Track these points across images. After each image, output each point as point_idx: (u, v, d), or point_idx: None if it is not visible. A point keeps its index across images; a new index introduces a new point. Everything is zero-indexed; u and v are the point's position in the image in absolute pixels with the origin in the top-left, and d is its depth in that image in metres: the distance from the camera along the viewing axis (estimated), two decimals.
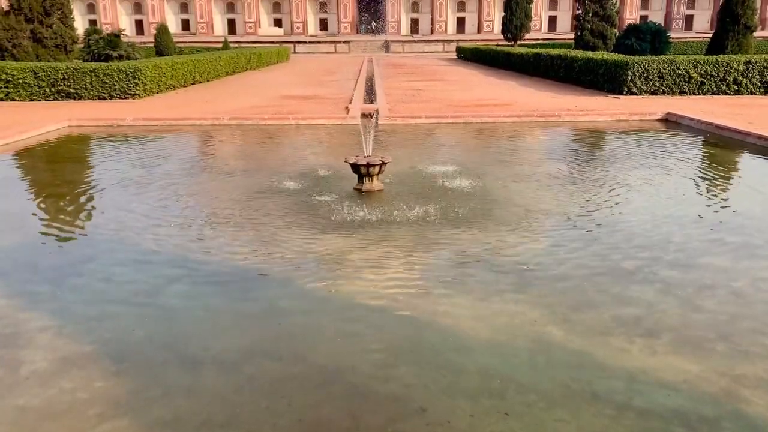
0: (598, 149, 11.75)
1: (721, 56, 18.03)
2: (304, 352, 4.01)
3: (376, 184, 7.76)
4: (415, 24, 74.87)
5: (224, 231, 6.47)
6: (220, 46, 41.69)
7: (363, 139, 8.53)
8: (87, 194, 8.26)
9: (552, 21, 74.40)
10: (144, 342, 4.16)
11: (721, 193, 8.30)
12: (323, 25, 75.34)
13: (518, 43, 41.99)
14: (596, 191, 8.06)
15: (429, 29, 73.67)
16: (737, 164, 10.49)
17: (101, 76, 17.50)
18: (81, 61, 20.85)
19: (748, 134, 11.34)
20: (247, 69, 31.15)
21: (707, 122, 12.73)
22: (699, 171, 9.43)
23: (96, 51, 22.27)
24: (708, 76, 17.34)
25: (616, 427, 3.22)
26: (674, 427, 3.22)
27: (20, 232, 6.66)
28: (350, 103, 17.05)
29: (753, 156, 10.49)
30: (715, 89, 17.44)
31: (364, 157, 7.93)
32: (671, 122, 13.86)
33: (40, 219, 7.19)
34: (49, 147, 11.68)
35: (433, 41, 63.31)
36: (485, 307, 4.62)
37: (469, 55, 40.99)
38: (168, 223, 6.69)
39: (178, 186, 8.37)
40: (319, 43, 62.23)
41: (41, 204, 7.88)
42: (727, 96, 17.28)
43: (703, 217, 6.99)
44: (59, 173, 9.84)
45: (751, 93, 17.46)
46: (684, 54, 27.35)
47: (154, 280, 5.24)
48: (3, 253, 5.96)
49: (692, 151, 11.20)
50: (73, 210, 7.57)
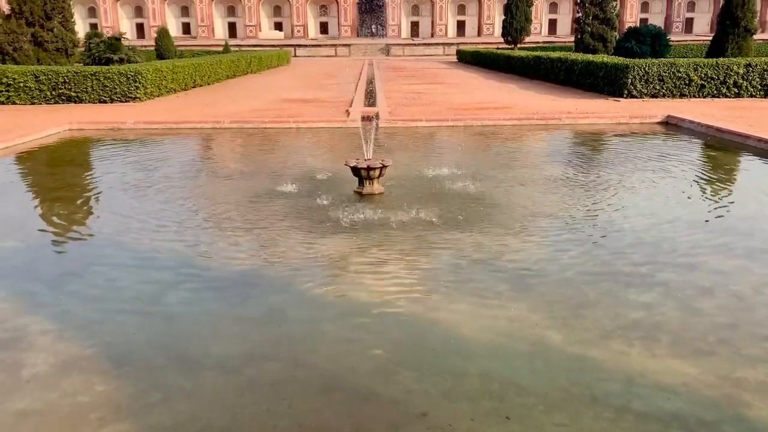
0: (599, 152, 11.76)
1: (722, 59, 18.04)
2: (305, 356, 4.02)
3: (376, 187, 7.77)
4: (415, 27, 75.04)
5: (225, 234, 6.47)
6: (221, 49, 41.76)
7: (363, 143, 8.54)
8: (88, 198, 8.27)
9: (552, 24, 74.58)
10: (144, 346, 4.17)
11: (721, 195, 8.30)
12: (324, 28, 75.52)
13: (518, 46, 42.05)
14: (596, 194, 8.07)
15: (429, 32, 73.83)
16: (738, 167, 10.50)
17: (102, 79, 17.55)
18: (82, 65, 20.87)
19: (748, 137, 11.35)
20: (247, 72, 31.21)
21: (707, 125, 12.74)
22: (699, 174, 9.43)
23: (97, 54, 22.31)
24: (708, 79, 17.36)
25: (615, 431, 3.23)
26: (674, 431, 3.22)
27: (21, 235, 6.66)
28: (351, 106, 17.07)
29: (753, 158, 10.50)
30: (715, 92, 17.46)
31: (365, 160, 7.94)
32: (671, 125, 13.87)
33: (41, 222, 7.20)
34: (49, 150, 11.70)
35: (433, 44, 63.44)
36: (485, 311, 4.62)
37: (470, 58, 41.07)
38: (169, 227, 6.70)
39: (179, 189, 8.39)
40: (319, 46, 62.35)
41: (42, 207, 7.90)
42: (728, 99, 17.30)
43: (704, 220, 7.00)
44: (60, 177, 9.85)
45: (752, 96, 17.48)
46: (684, 57, 27.41)
47: (154, 283, 5.25)
48: (4, 256, 5.97)
49: (692, 154, 11.20)
50: (73, 213, 7.58)
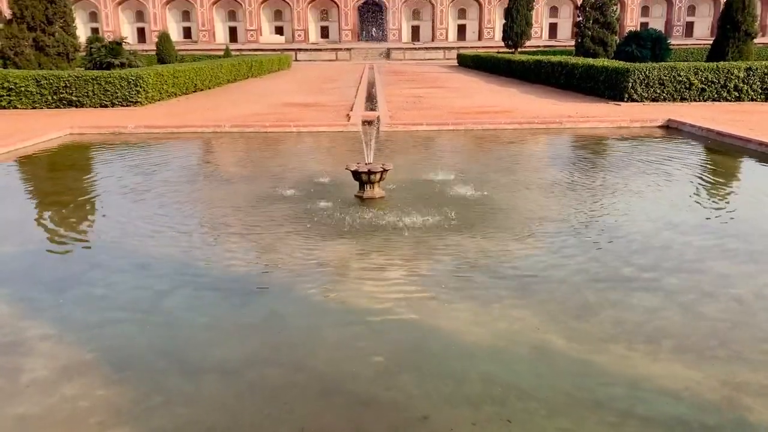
0: (600, 156, 11.76)
1: (722, 63, 18.05)
2: (306, 360, 4.01)
3: (377, 191, 7.76)
4: (416, 31, 75.20)
5: (225, 238, 6.47)
6: (222, 53, 41.80)
7: (364, 147, 8.54)
8: (88, 202, 8.27)
9: (553, 28, 74.73)
10: (145, 350, 4.16)
11: (722, 199, 8.30)
12: (324, 32, 75.69)
13: (519, 50, 42.15)
14: (597, 198, 8.06)
15: (430, 36, 73.97)
16: (739, 171, 10.49)
17: (103, 83, 17.56)
18: (83, 69, 20.91)
19: (749, 141, 11.34)
20: (248, 76, 31.24)
21: (708, 129, 12.74)
22: (700, 177, 9.42)
23: (98, 59, 22.35)
24: (709, 83, 17.36)
25: None
26: None
27: (21, 239, 6.66)
28: (351, 110, 17.08)
29: (754, 162, 10.49)
30: (716, 96, 17.45)
31: (366, 164, 7.93)
32: (672, 129, 13.87)
33: (42, 227, 7.19)
34: (50, 155, 11.70)
35: (433, 48, 63.55)
36: (487, 314, 4.61)
37: (470, 63, 41.11)
38: (168, 231, 6.69)
39: (180, 194, 8.38)
40: (320, 50, 62.47)
41: (42, 212, 7.89)
42: (728, 102, 17.29)
43: (706, 224, 6.99)
44: (61, 181, 9.85)
45: (752, 99, 17.48)
46: (684, 61, 27.40)
47: (154, 288, 5.24)
48: (4, 261, 5.97)
49: (693, 157, 11.19)
50: (74, 218, 7.58)
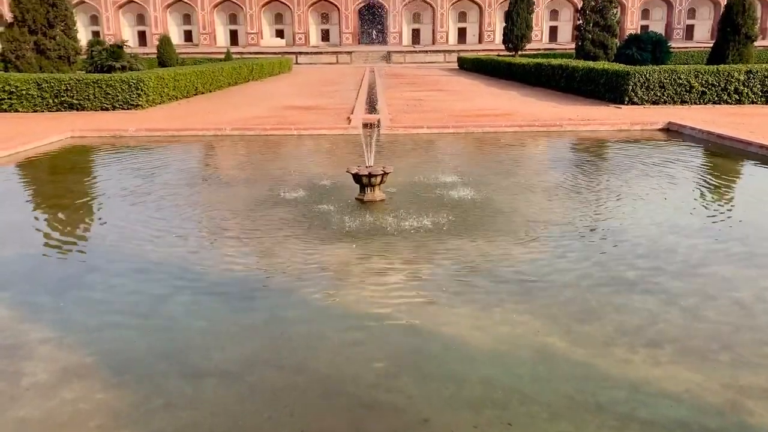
0: (600, 159, 11.75)
1: (722, 66, 18.07)
2: (306, 363, 4.00)
3: (378, 194, 7.76)
4: (416, 34, 75.26)
5: (225, 241, 6.47)
6: (223, 57, 41.86)
7: (365, 150, 8.55)
8: (89, 205, 8.27)
9: (553, 31, 74.77)
10: (145, 353, 4.15)
11: (723, 203, 8.29)
12: (325, 35, 75.77)
13: (519, 53, 42.14)
14: (598, 201, 8.06)
15: (430, 39, 74.03)
16: (739, 174, 10.49)
17: (104, 87, 17.59)
18: (84, 72, 20.96)
19: (749, 143, 11.34)
20: (249, 80, 31.27)
21: (708, 132, 12.74)
22: (701, 181, 9.42)
23: (99, 62, 22.39)
24: (709, 86, 17.37)
25: None
26: None
27: (22, 243, 6.66)
28: (352, 113, 17.10)
29: (755, 165, 10.49)
30: (716, 99, 17.46)
31: (366, 167, 7.93)
32: (673, 132, 13.87)
33: (42, 230, 7.19)
34: (51, 158, 11.71)
35: (434, 51, 63.60)
36: (488, 318, 4.60)
37: (471, 66, 41.14)
38: (169, 234, 6.69)
39: (180, 197, 8.38)
40: (321, 53, 62.52)
41: (43, 215, 7.90)
42: (729, 105, 17.30)
43: (707, 227, 6.99)
44: (61, 184, 9.86)
45: (753, 102, 17.49)
46: (685, 64, 27.40)
47: (155, 290, 5.23)
48: (4, 264, 5.97)
49: (694, 160, 11.19)
50: (74, 221, 7.58)
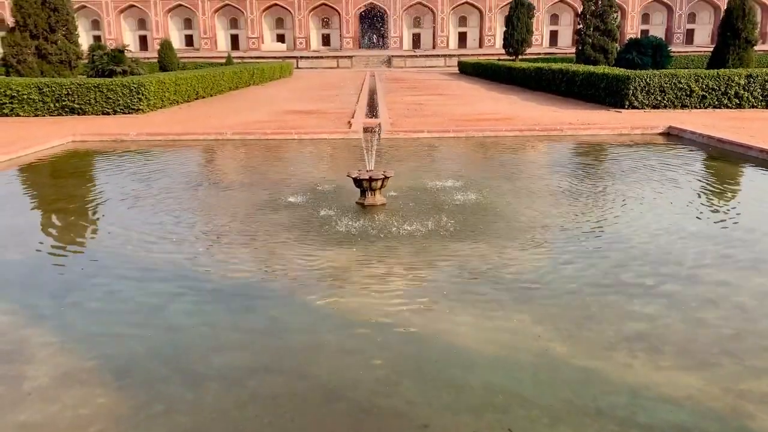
0: (601, 163, 11.76)
1: (723, 70, 18.07)
2: (307, 368, 4.00)
3: (378, 198, 7.77)
4: (417, 39, 75.44)
5: (226, 246, 6.47)
6: (224, 61, 41.93)
7: (365, 154, 8.56)
8: (90, 210, 8.27)
9: (553, 36, 74.94)
10: (146, 358, 4.15)
11: (724, 207, 8.29)
12: (326, 40, 75.97)
13: (520, 57, 42.21)
14: (599, 205, 8.06)
15: (431, 44, 74.19)
16: (740, 178, 10.49)
17: (105, 91, 17.63)
18: (85, 77, 20.97)
19: (750, 147, 11.34)
20: (250, 84, 31.33)
21: (709, 136, 12.75)
22: (701, 185, 9.42)
23: (100, 66, 22.40)
24: (709, 90, 17.39)
25: None
26: None
27: (23, 247, 6.67)
28: (352, 117, 17.12)
29: (755, 169, 10.49)
30: (716, 103, 17.48)
31: (367, 171, 7.94)
32: (673, 136, 13.88)
33: (43, 234, 7.20)
34: (53, 162, 11.73)
35: (434, 56, 63.72)
36: (488, 322, 4.60)
37: (471, 70, 41.21)
38: (170, 239, 6.70)
39: (181, 201, 8.39)
40: (321, 58, 62.65)
41: (44, 219, 7.91)
42: (729, 110, 17.32)
43: (707, 231, 6.99)
44: (63, 188, 9.87)
45: (753, 107, 17.50)
46: (685, 68, 27.47)
47: (155, 295, 5.24)
48: (5, 268, 5.97)
49: (694, 164, 11.19)
50: (75, 225, 7.59)
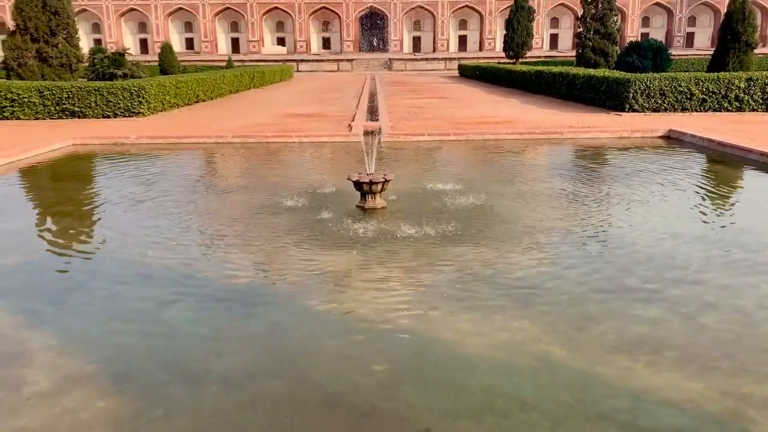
0: (601, 166, 11.76)
1: (723, 73, 18.09)
2: (307, 372, 3.99)
3: (378, 201, 7.77)
4: (417, 42, 75.54)
5: (226, 249, 6.47)
6: (224, 64, 42.00)
7: (366, 157, 8.56)
8: (90, 213, 8.28)
9: (553, 39, 75.05)
10: (146, 361, 4.15)
11: (724, 210, 8.29)
12: (326, 43, 76.07)
13: (520, 60, 42.28)
14: (599, 209, 8.06)
15: (431, 47, 74.29)
16: (740, 181, 10.49)
17: (106, 94, 17.65)
18: (86, 80, 21.01)
19: (750, 151, 11.35)
20: (250, 87, 31.36)
21: (709, 139, 12.75)
22: (702, 188, 9.42)
23: (101, 70, 22.46)
24: (710, 93, 17.40)
25: None
26: None
27: (23, 250, 6.66)
28: (353, 120, 17.13)
29: (755, 173, 10.49)
30: (716, 106, 17.49)
31: (367, 174, 7.94)
32: (673, 139, 13.88)
33: (43, 237, 7.20)
34: (53, 165, 11.74)
35: (435, 59, 63.76)
36: (489, 326, 4.59)
37: (471, 73, 41.22)
38: (170, 242, 6.70)
39: (182, 204, 8.39)
40: (322, 61, 62.70)
41: (44, 222, 7.91)
42: (729, 113, 17.32)
43: (708, 234, 6.98)
44: (63, 191, 9.88)
45: (753, 110, 17.50)
46: (685, 71, 27.49)
47: (156, 299, 5.23)
48: (5, 272, 5.97)
49: (695, 168, 11.20)
50: (75, 228, 7.59)
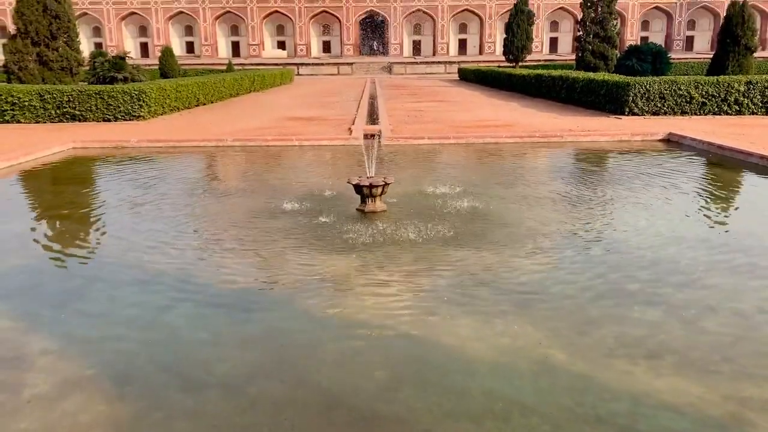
0: (601, 170, 11.77)
1: (722, 77, 18.12)
2: (307, 375, 3.99)
3: (379, 204, 7.78)
4: (417, 46, 75.61)
5: (226, 253, 6.47)
6: (224, 68, 42.06)
7: (366, 160, 8.57)
8: (90, 216, 8.29)
9: (553, 42, 75.10)
10: (146, 365, 4.15)
11: (724, 213, 8.29)
12: (326, 47, 76.13)
13: (520, 64, 42.29)
14: (599, 212, 8.06)
15: (431, 51, 74.35)
16: (740, 184, 10.49)
17: (106, 98, 17.66)
18: (86, 84, 21.02)
19: (750, 154, 11.35)
20: (250, 91, 31.38)
21: (709, 142, 12.76)
22: (702, 191, 9.42)
23: (101, 73, 22.47)
24: (709, 97, 17.42)
25: None
26: None
27: (23, 254, 6.66)
28: (353, 124, 17.14)
29: (755, 176, 10.50)
30: (716, 110, 17.51)
31: (367, 177, 7.95)
32: (673, 142, 13.89)
33: (43, 241, 7.20)
34: (53, 169, 11.75)
35: (435, 63, 63.80)
36: (489, 329, 4.60)
37: (471, 77, 41.28)
38: (170, 246, 6.70)
39: (181, 208, 8.39)
40: (322, 65, 62.74)
41: (44, 226, 7.91)
42: (729, 116, 17.34)
43: (708, 238, 6.99)
44: (63, 195, 9.88)
45: (753, 113, 17.52)
46: (685, 75, 27.46)
47: (155, 302, 5.24)
48: (5, 275, 5.97)
49: (694, 171, 11.20)
50: (75, 232, 7.60)
